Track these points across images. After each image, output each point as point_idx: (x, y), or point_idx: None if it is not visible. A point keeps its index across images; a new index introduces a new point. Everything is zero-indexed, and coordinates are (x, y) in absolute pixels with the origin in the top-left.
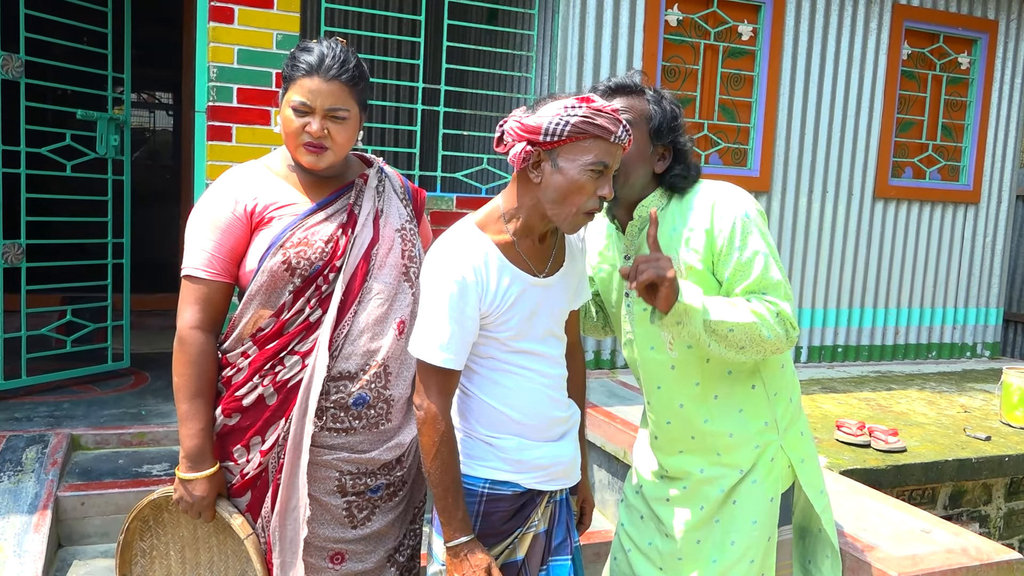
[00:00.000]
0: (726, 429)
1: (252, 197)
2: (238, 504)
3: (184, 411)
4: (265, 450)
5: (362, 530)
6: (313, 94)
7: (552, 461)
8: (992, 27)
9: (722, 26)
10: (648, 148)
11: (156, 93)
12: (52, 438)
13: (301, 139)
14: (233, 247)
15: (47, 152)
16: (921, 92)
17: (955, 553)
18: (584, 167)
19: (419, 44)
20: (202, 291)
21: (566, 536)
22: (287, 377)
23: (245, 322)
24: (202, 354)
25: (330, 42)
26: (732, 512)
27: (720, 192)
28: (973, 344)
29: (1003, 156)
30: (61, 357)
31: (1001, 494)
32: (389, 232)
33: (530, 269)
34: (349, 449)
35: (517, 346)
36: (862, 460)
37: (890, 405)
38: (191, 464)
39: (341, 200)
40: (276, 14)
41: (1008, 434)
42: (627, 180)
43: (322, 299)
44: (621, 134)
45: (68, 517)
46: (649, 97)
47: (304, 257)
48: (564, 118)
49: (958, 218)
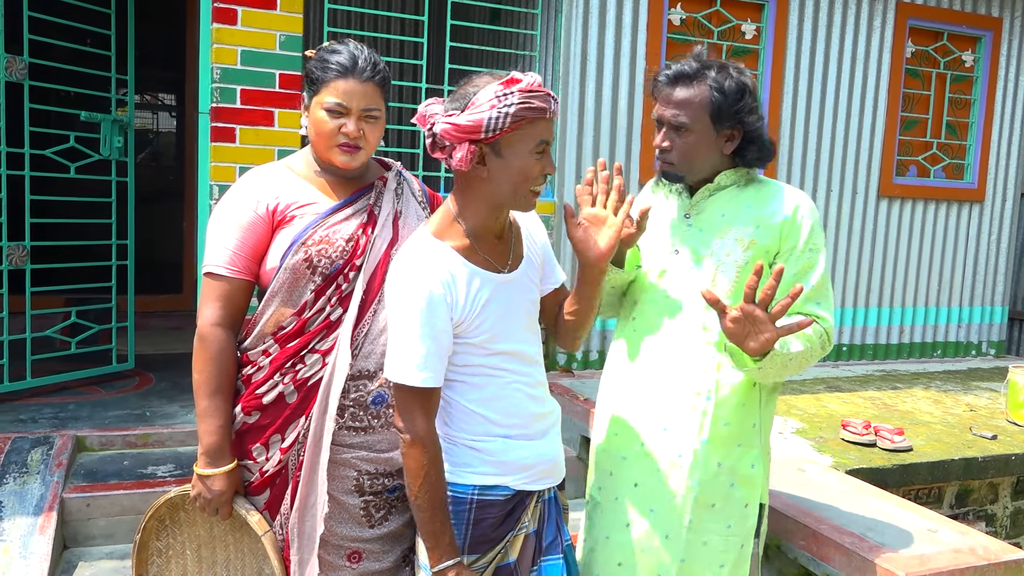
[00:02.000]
0: (724, 419)
1: (274, 196)
2: (255, 502)
3: (204, 407)
4: (285, 447)
5: (379, 529)
6: (349, 95)
7: (537, 460)
8: (996, 25)
9: (725, 25)
10: (712, 134)
11: (159, 94)
12: (57, 439)
13: (336, 140)
14: (255, 245)
15: (51, 154)
16: (925, 90)
17: (962, 552)
18: (530, 152)
19: (422, 45)
20: (224, 288)
21: (556, 535)
22: (308, 375)
23: (266, 320)
24: (223, 351)
25: (356, 44)
26: (709, 515)
27: (804, 195)
28: (978, 343)
29: (1008, 154)
30: (66, 359)
31: (1008, 493)
32: (408, 233)
33: (494, 267)
34: (368, 448)
35: (494, 348)
36: (868, 459)
37: (895, 404)
38: (209, 460)
39: (361, 200)
40: (279, 15)
41: (1014, 432)
42: (691, 167)
43: (343, 298)
44: (554, 107)
45: (73, 519)
46: (710, 83)
47: (325, 255)
48: (502, 109)
49: (963, 216)
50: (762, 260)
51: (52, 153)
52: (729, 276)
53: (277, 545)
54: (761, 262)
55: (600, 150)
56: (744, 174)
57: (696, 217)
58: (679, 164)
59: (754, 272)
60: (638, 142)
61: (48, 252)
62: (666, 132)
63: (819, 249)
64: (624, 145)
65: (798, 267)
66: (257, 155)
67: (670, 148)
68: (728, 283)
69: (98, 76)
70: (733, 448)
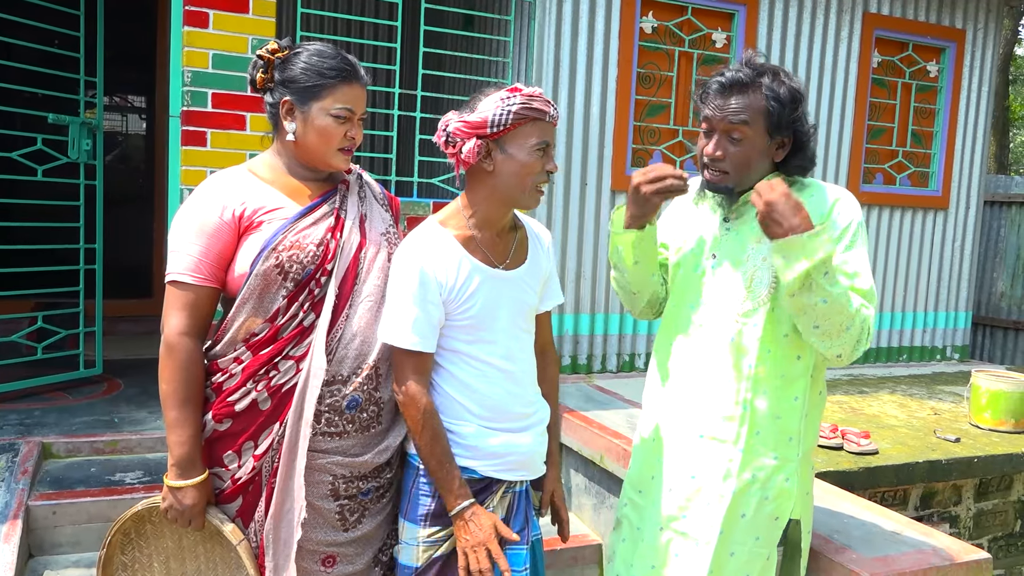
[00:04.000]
0: (758, 428)
1: (240, 202)
2: (227, 510)
3: (173, 418)
4: (259, 454)
5: (353, 532)
6: (356, 100)
7: (509, 450)
8: (960, 36)
9: (696, 33)
10: (766, 142)
11: (129, 96)
12: (23, 446)
13: (340, 144)
14: (221, 252)
15: (18, 156)
16: (891, 99)
17: (926, 554)
18: (531, 149)
19: (395, 50)
20: (189, 296)
21: (524, 527)
22: (282, 382)
23: (237, 327)
24: (191, 361)
25: (335, 47)
26: (739, 525)
27: (845, 192)
28: (943, 347)
29: (971, 162)
30: (32, 364)
31: (971, 495)
32: (375, 236)
33: (489, 261)
34: (342, 452)
35: (478, 335)
36: (835, 462)
37: (862, 408)
38: (180, 471)
39: (327, 204)
40: (251, 19)
41: (977, 435)
42: (746, 173)
43: (315, 303)
44: (553, 113)
45: (39, 526)
46: (765, 91)
47: (297, 261)
48: (505, 108)
49: (927, 223)
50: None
51: (19, 156)
52: (766, 281)
53: (252, 553)
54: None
55: (573, 156)
56: (785, 179)
57: (735, 222)
58: (733, 174)
59: None
60: (610, 148)
61: (15, 256)
62: (719, 141)
63: (857, 245)
64: (596, 151)
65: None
66: (228, 159)
67: (723, 158)
68: (766, 288)
69: (66, 78)
70: (768, 460)
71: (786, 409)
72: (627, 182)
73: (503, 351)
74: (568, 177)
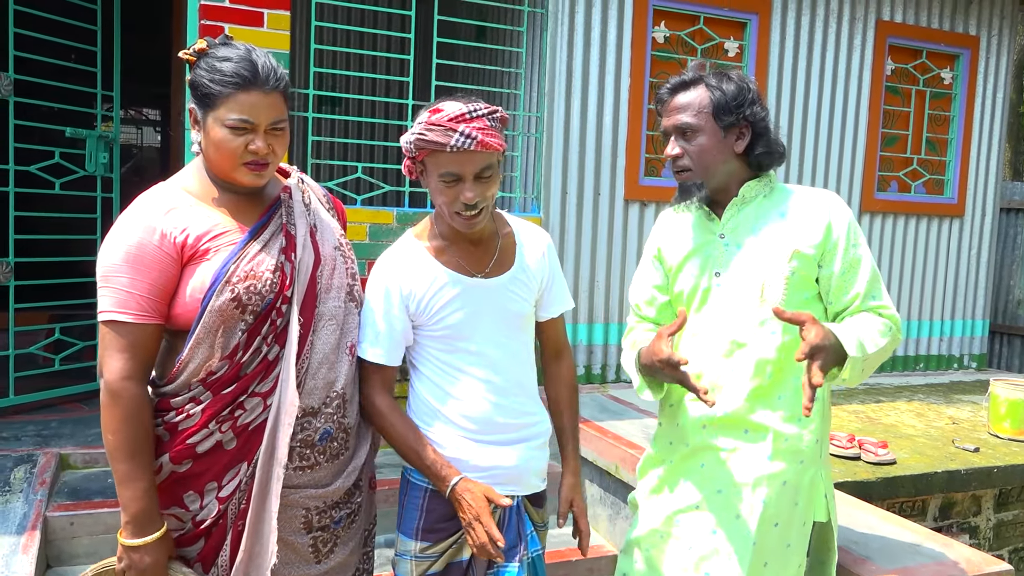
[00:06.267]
0: (784, 435)
1: (180, 229)
2: (187, 553)
3: (123, 472)
4: (224, 496)
5: (326, 563)
6: (255, 109)
7: (493, 465)
8: (974, 43)
9: (709, 43)
10: (719, 133)
11: (144, 109)
12: (40, 457)
13: (243, 159)
14: (163, 285)
15: (36, 170)
16: (905, 107)
17: (946, 566)
18: (438, 179)
19: (408, 62)
20: (131, 337)
21: (517, 543)
22: (248, 420)
23: (193, 369)
24: (138, 407)
25: (246, 46)
26: (773, 533)
27: (832, 194)
28: (960, 356)
29: (986, 169)
30: (49, 376)
31: (990, 505)
32: (328, 251)
33: (465, 270)
34: (315, 485)
35: (458, 345)
36: (852, 473)
37: (879, 417)
38: (137, 528)
39: (274, 222)
40: (266, 32)
41: (996, 445)
42: (707, 170)
43: (278, 334)
44: (456, 141)
45: (57, 537)
46: (707, 84)
47: (255, 291)
48: (408, 137)
49: (943, 231)
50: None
51: (37, 169)
52: (778, 290)
53: None
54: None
55: (585, 167)
56: (767, 183)
57: (731, 235)
58: (695, 169)
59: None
60: (623, 159)
61: (32, 268)
62: (674, 140)
63: (860, 244)
64: (609, 161)
65: (844, 265)
66: None
67: (681, 154)
68: (778, 297)
69: (83, 92)
70: (795, 464)
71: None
72: (640, 192)
73: (486, 361)
74: (581, 187)
